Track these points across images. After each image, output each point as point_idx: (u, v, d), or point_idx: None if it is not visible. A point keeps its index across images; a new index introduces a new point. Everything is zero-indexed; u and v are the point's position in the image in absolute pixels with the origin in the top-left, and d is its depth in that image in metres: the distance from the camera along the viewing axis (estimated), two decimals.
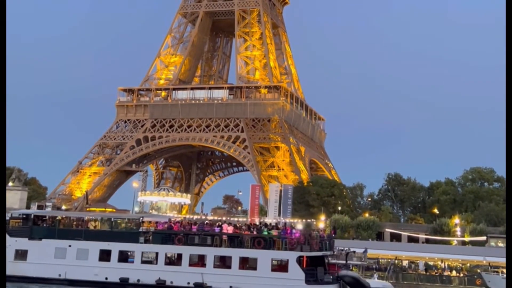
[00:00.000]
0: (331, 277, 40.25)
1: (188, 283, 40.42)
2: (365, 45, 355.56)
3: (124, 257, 43.47)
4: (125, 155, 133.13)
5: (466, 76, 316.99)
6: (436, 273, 59.40)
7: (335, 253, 43.60)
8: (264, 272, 39.74)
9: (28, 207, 71.09)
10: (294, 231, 41.62)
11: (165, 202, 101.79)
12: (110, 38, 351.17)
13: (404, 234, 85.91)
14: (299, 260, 39.56)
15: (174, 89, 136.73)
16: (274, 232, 41.78)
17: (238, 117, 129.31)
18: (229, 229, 42.61)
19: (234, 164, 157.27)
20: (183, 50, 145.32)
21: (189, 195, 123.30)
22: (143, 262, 42.74)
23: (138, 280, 41.41)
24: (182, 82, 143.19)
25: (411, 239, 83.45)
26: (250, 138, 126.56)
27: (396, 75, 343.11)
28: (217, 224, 44.13)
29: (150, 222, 45.28)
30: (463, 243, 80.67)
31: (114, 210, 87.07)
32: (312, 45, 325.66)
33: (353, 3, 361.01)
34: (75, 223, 46.59)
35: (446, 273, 59.14)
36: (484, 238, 78.33)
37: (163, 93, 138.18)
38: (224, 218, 44.34)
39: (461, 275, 58.47)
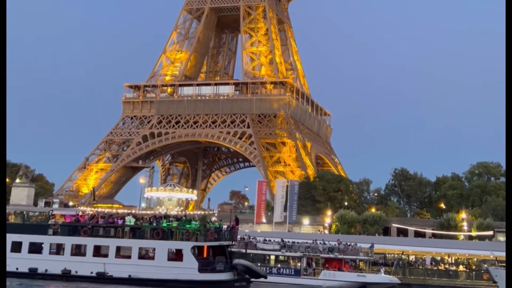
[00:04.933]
0: (224, 265, 41.91)
1: (91, 272, 42.19)
2: (369, 41, 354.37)
3: (34, 248, 44.99)
4: (131, 151, 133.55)
5: (472, 68, 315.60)
6: (443, 268, 59.45)
7: (234, 243, 45.56)
8: (160, 261, 41.71)
9: (35, 204, 71.39)
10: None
11: (166, 198, 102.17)
12: (116, 34, 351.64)
13: (411, 229, 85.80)
14: (194, 250, 41.67)
15: (180, 85, 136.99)
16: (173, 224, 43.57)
17: (244, 113, 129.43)
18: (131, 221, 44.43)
19: (241, 159, 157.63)
20: (188, 46, 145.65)
21: (195, 191, 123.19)
22: (51, 253, 44.56)
23: (46, 270, 43.17)
24: (188, 78, 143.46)
25: (418, 234, 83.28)
26: (256, 133, 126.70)
27: (402, 69, 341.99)
28: (120, 216, 45.97)
29: (62, 215, 46.91)
30: (470, 237, 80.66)
31: (120, 206, 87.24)
32: (318, 41, 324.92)
33: None
34: None
35: (453, 268, 59.21)
36: (491, 232, 78.30)
37: (169, 89, 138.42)
38: (133, 211, 45.59)
39: (468, 269, 58.56)
